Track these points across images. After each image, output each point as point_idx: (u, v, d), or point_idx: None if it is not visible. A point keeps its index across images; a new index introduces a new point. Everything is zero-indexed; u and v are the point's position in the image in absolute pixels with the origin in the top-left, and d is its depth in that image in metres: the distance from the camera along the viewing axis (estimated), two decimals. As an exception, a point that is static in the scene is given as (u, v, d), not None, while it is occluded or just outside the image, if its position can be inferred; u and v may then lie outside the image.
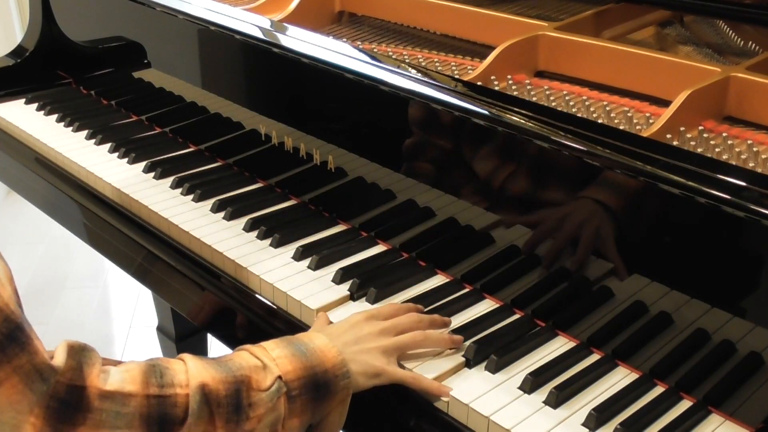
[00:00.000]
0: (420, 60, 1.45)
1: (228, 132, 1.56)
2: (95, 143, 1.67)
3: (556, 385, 1.00)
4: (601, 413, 0.97)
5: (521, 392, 1.01)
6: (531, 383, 1.01)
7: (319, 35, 1.39)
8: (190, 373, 0.89)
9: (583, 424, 0.97)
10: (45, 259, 3.08)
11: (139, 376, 0.86)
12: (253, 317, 1.24)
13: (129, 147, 1.61)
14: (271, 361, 0.94)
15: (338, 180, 1.38)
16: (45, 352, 0.82)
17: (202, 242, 1.32)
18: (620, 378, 1.04)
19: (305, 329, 1.14)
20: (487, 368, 1.05)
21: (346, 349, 0.99)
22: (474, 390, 1.01)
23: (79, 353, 0.84)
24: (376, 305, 1.16)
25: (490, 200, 1.18)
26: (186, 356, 0.92)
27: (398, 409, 1.05)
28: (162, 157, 1.59)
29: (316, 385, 0.95)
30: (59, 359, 0.82)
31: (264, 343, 0.97)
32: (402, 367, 1.04)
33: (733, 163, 1.10)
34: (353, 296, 1.19)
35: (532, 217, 1.14)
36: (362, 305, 1.17)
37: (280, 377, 0.93)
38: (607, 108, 1.24)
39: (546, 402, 1.00)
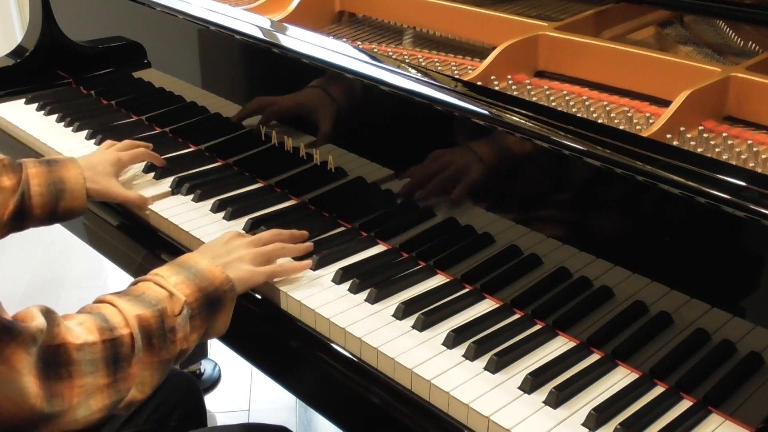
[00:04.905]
0: (420, 60, 1.45)
1: (228, 132, 1.56)
2: (95, 143, 1.67)
3: (556, 385, 1.00)
4: (601, 413, 0.97)
5: (521, 392, 1.01)
6: (531, 383, 1.01)
7: (319, 35, 1.39)
8: (125, 314, 1.00)
9: (583, 424, 0.97)
10: (45, 259, 3.07)
11: (93, 325, 0.97)
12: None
13: (129, 147, 1.61)
14: (173, 287, 1.06)
15: (338, 180, 1.38)
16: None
17: (202, 242, 1.32)
18: (620, 378, 1.04)
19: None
20: (487, 368, 1.05)
21: (223, 260, 1.15)
22: (474, 390, 1.01)
23: (48, 315, 0.92)
24: (375, 305, 1.16)
25: (490, 200, 1.18)
26: (110, 298, 1.03)
27: (398, 409, 1.05)
28: (162, 157, 1.58)
29: (209, 302, 1.09)
30: (39, 321, 0.90)
31: (159, 271, 1.10)
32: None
33: (733, 163, 1.10)
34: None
35: (532, 216, 1.15)
36: (362, 304, 1.17)
37: (185, 302, 1.05)
38: (607, 108, 1.24)
39: (546, 402, 1.00)
